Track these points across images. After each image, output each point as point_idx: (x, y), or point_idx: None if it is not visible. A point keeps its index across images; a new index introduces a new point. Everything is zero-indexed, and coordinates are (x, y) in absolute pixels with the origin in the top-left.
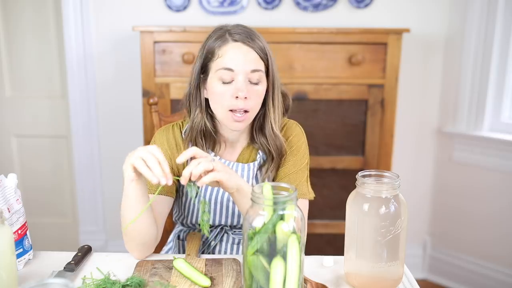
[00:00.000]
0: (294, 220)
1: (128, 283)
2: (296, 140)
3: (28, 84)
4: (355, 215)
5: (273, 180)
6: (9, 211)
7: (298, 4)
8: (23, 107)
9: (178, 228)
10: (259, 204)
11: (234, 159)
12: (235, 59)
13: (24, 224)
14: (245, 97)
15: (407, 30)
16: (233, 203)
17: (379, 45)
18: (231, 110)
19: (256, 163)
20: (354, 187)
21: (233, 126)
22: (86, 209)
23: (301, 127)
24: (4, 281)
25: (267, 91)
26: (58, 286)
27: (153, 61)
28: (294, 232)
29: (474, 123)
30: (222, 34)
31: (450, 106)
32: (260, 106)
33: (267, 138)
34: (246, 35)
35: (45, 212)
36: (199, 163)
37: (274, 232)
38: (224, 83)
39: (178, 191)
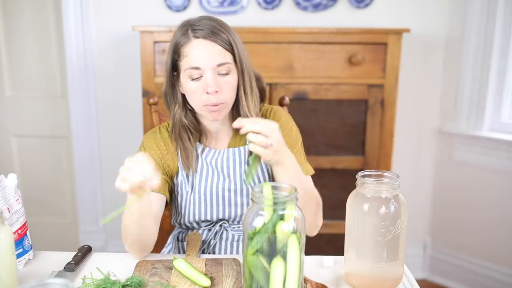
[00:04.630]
0: (294, 220)
1: (128, 283)
2: (286, 123)
3: (28, 84)
4: (355, 215)
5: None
6: (9, 211)
7: (298, 4)
8: (23, 107)
9: (177, 230)
10: (259, 204)
11: (224, 147)
12: (200, 56)
13: (24, 224)
14: (216, 91)
15: (407, 30)
16: (229, 192)
17: (379, 45)
18: (205, 105)
19: (247, 147)
20: (354, 187)
21: (211, 117)
22: (86, 209)
23: (286, 110)
24: (4, 281)
25: (238, 79)
26: (58, 286)
27: (153, 61)
28: (294, 232)
29: (474, 123)
30: (185, 31)
31: (450, 106)
32: (235, 95)
33: None
34: (209, 30)
35: (45, 212)
36: (258, 123)
37: (274, 232)
38: (194, 80)
39: (173, 192)
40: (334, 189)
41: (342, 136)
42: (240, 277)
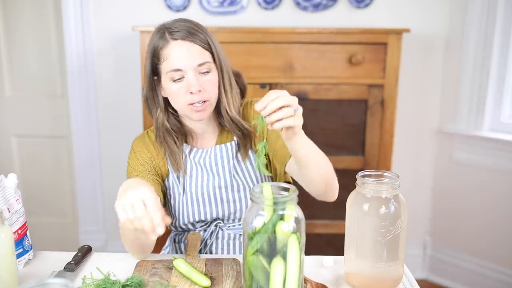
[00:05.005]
0: (294, 220)
1: (128, 283)
2: None
3: (28, 84)
4: (355, 215)
5: (268, 157)
6: (9, 211)
7: (298, 4)
8: (23, 107)
9: (173, 232)
10: (259, 204)
11: (211, 146)
12: (180, 58)
13: (24, 224)
14: (199, 90)
15: (407, 30)
16: (220, 189)
17: (379, 45)
18: (189, 104)
19: (234, 143)
20: (354, 187)
21: (196, 117)
22: (86, 209)
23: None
24: (4, 281)
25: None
26: (58, 286)
27: None
28: (294, 232)
29: (474, 123)
30: (162, 34)
31: (450, 106)
32: (217, 93)
33: (227, 121)
34: (186, 31)
35: (45, 212)
36: (278, 97)
37: (274, 232)
38: (176, 81)
39: (165, 195)
40: None
41: (342, 136)
42: (240, 277)
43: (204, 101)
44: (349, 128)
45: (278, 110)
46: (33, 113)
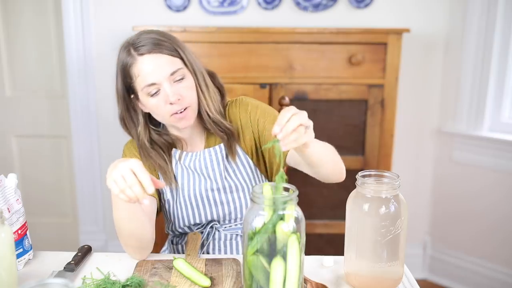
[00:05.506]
0: (294, 220)
1: (128, 283)
2: (255, 106)
3: (28, 84)
4: (355, 215)
5: (263, 155)
6: (9, 211)
7: (298, 4)
8: (23, 107)
9: (171, 235)
10: (259, 204)
11: (200, 149)
12: (151, 72)
13: (24, 224)
14: (178, 99)
15: (407, 30)
16: (212, 191)
17: (379, 45)
18: (172, 114)
19: (222, 145)
20: (354, 187)
21: (182, 125)
22: (86, 209)
23: (246, 96)
24: (4, 281)
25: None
26: (58, 286)
27: None
28: (294, 232)
29: (474, 123)
30: (128, 51)
31: (450, 106)
32: (197, 96)
33: (209, 123)
34: (151, 43)
35: (45, 212)
36: (293, 115)
37: (274, 232)
38: (153, 95)
39: (160, 200)
40: (334, 189)
41: (342, 136)
42: (240, 277)
43: (186, 108)
44: (349, 128)
45: (292, 131)
46: (33, 113)
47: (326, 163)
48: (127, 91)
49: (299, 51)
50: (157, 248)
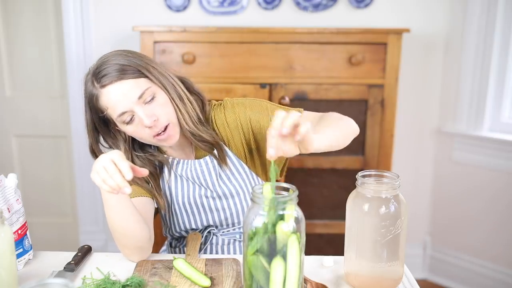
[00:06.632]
0: (294, 220)
1: (128, 283)
2: (241, 105)
3: (28, 84)
4: (355, 215)
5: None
6: (9, 211)
7: (298, 4)
8: (23, 107)
9: (169, 238)
10: (259, 204)
11: (191, 158)
12: (118, 102)
13: (24, 224)
14: (154, 120)
15: (407, 30)
16: (207, 198)
17: (379, 45)
18: (154, 136)
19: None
20: (354, 187)
21: (167, 143)
22: (86, 209)
23: (229, 98)
24: (4, 281)
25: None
26: (58, 286)
27: None
28: (294, 232)
29: (474, 123)
30: (91, 84)
31: (450, 106)
32: (174, 110)
33: (189, 137)
34: (112, 72)
35: (45, 212)
36: (286, 118)
37: (274, 232)
38: (129, 122)
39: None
40: (334, 189)
41: None
42: (240, 277)
43: (166, 126)
44: None
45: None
46: (33, 113)
47: (337, 145)
48: (104, 121)
49: (299, 51)
50: (157, 248)
